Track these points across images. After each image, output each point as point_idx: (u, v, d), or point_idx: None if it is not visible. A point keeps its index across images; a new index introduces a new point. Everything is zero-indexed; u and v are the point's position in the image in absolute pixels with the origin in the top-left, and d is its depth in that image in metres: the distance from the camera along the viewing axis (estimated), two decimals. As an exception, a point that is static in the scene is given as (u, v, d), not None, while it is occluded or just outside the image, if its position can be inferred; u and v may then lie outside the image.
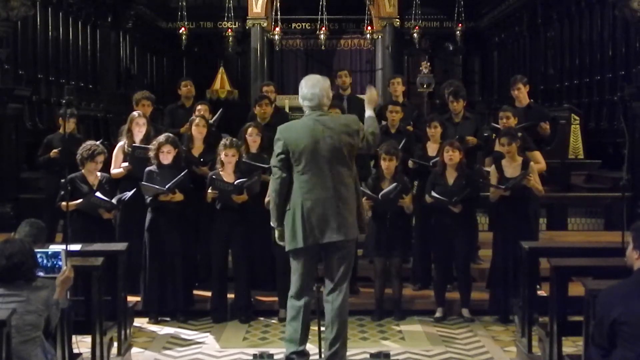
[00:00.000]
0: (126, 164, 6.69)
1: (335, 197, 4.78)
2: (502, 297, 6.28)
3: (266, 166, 6.46)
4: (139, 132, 6.78)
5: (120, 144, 6.83)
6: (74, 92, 10.79)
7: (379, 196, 6.24)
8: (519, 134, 6.44)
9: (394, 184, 6.27)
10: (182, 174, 6.28)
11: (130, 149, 6.71)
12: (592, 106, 11.24)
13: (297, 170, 4.85)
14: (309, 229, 4.77)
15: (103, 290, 4.97)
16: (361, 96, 9.99)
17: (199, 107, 7.56)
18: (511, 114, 6.87)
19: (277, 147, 4.90)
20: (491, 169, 6.46)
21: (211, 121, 7.53)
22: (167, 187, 6.22)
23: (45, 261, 4.17)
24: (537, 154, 6.62)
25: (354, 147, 4.90)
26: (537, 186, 6.29)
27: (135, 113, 6.91)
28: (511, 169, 6.32)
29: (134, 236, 6.39)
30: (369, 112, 5.10)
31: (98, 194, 6.05)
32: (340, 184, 4.81)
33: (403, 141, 7.06)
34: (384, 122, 7.53)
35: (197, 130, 6.86)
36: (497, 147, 6.92)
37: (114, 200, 6.13)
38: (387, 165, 6.35)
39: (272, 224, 5.03)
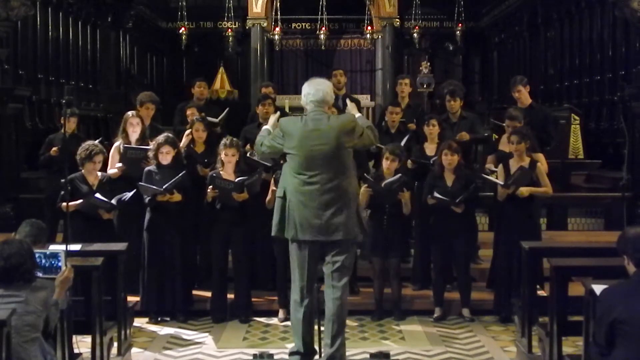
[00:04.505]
0: (120, 164, 6.69)
1: (322, 199, 4.82)
2: (506, 297, 6.26)
3: (268, 164, 6.48)
4: (134, 132, 6.77)
5: (116, 144, 6.83)
6: (74, 92, 10.87)
7: (382, 185, 6.25)
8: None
9: (399, 175, 6.29)
10: (181, 174, 6.28)
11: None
12: (592, 106, 11.23)
13: (290, 166, 4.93)
14: (291, 223, 4.86)
15: (103, 290, 4.97)
16: (356, 96, 10.09)
17: (188, 112, 7.57)
18: (520, 114, 6.83)
19: (276, 135, 5.02)
20: (498, 168, 6.45)
21: (217, 120, 7.57)
22: (164, 187, 6.22)
23: (43, 261, 4.16)
24: (541, 156, 6.61)
25: (351, 146, 4.96)
26: (544, 188, 6.26)
27: (129, 113, 6.90)
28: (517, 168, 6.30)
29: (133, 236, 6.38)
30: (357, 115, 5.24)
31: (97, 194, 6.05)
32: (330, 186, 4.84)
33: (405, 138, 7.07)
34: (384, 121, 7.56)
35: (197, 135, 6.89)
36: (502, 146, 6.90)
37: (113, 201, 6.13)
38: (389, 165, 6.36)
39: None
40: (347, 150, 4.96)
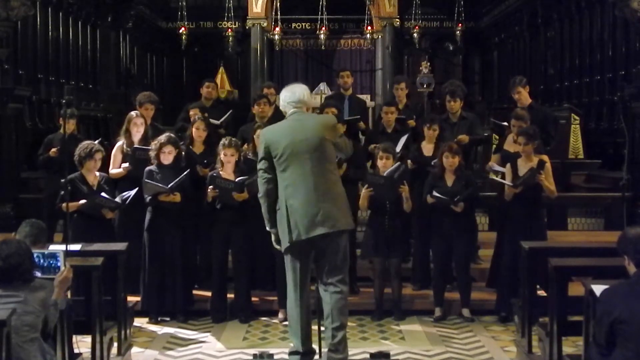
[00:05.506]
0: (126, 164, 6.69)
1: (318, 193, 4.90)
2: (509, 297, 6.23)
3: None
4: (137, 133, 6.78)
5: (118, 144, 6.83)
6: (74, 92, 10.87)
7: (384, 174, 6.25)
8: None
9: (398, 163, 6.30)
10: (184, 173, 6.29)
11: (129, 149, 6.71)
12: (592, 106, 11.24)
13: (279, 170, 4.99)
14: (293, 225, 4.90)
15: (103, 290, 4.97)
16: (361, 96, 10.12)
17: (191, 112, 7.57)
18: (526, 114, 6.82)
19: (260, 151, 5.10)
20: (506, 168, 6.45)
21: (219, 122, 7.57)
22: (169, 186, 6.22)
23: (42, 261, 4.15)
24: (545, 157, 6.61)
25: (333, 142, 5.11)
26: (549, 186, 6.27)
27: (133, 113, 6.90)
28: (525, 169, 6.27)
29: (133, 236, 6.38)
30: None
31: (103, 194, 6.06)
32: (322, 180, 4.94)
33: (405, 137, 7.06)
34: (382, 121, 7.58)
35: (197, 134, 6.88)
36: (507, 146, 6.88)
37: (117, 199, 6.13)
38: (384, 163, 6.37)
39: (267, 228, 5.15)
40: (330, 143, 5.07)
